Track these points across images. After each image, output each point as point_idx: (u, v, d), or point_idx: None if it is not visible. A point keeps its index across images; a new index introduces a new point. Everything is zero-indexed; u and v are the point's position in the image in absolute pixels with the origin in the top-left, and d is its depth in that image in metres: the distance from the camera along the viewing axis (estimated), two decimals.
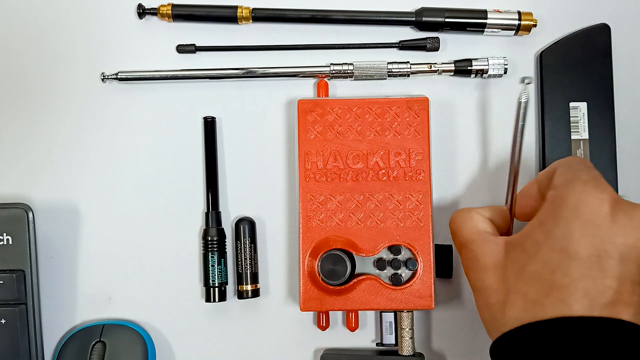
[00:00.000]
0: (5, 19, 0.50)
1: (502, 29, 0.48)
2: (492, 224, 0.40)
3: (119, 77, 0.48)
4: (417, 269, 0.45)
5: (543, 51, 0.48)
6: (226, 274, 0.48)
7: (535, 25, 0.48)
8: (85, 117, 0.49)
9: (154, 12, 0.49)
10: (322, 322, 0.47)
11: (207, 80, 0.49)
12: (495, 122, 0.49)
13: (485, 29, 0.48)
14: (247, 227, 0.48)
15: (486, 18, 0.48)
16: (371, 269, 0.45)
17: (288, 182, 0.49)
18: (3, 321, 0.45)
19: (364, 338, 0.48)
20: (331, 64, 0.48)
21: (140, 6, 0.49)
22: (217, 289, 0.47)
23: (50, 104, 0.49)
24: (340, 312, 0.48)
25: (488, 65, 0.48)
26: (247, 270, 0.47)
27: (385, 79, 0.48)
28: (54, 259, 0.49)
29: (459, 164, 0.49)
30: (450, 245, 0.47)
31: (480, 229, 0.39)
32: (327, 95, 0.48)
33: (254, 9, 0.48)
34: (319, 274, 0.45)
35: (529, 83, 0.27)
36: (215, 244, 0.47)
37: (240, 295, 0.47)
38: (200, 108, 0.49)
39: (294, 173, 0.48)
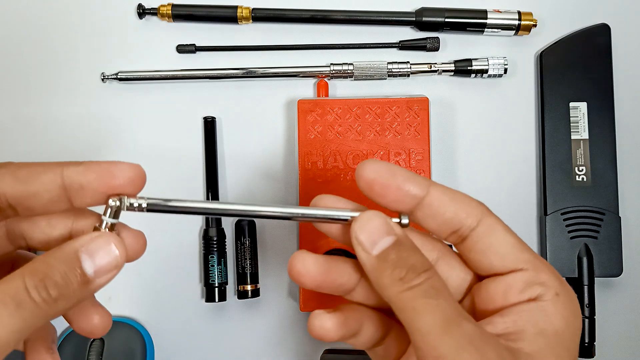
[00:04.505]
0: (6, 19, 0.50)
1: (502, 29, 0.48)
2: None
3: (119, 77, 0.48)
4: None
5: (543, 51, 0.48)
6: (226, 274, 0.48)
7: (535, 25, 0.48)
8: (85, 117, 0.49)
9: (154, 12, 0.49)
10: None
11: (207, 80, 0.49)
12: (495, 122, 0.49)
13: (485, 29, 0.48)
14: (247, 227, 0.48)
15: (486, 18, 0.48)
16: None
17: (288, 182, 0.49)
18: None
19: None
20: (331, 64, 0.48)
21: (140, 6, 0.49)
22: (217, 288, 0.47)
23: (50, 103, 0.49)
24: None
25: (488, 65, 0.48)
26: (247, 270, 0.47)
27: (385, 79, 0.48)
28: None
29: (459, 164, 0.49)
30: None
31: None
32: (327, 95, 0.48)
33: (254, 9, 0.48)
34: None
35: None
36: (215, 244, 0.47)
37: (241, 295, 0.47)
38: (200, 108, 0.49)
39: (294, 173, 0.48)
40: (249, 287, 0.47)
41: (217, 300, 0.47)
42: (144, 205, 0.25)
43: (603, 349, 0.48)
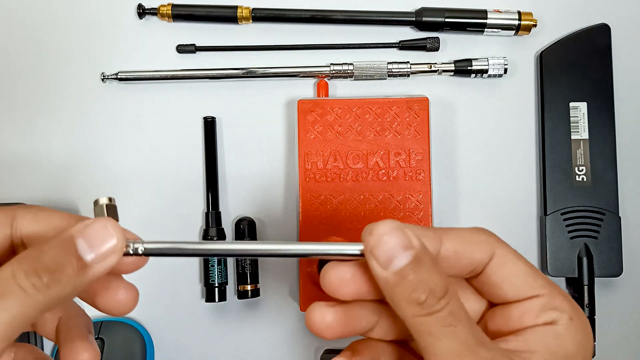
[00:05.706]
0: (6, 19, 0.50)
1: (502, 29, 0.48)
2: None
3: (119, 77, 0.48)
4: None
5: (543, 51, 0.48)
6: (226, 274, 0.48)
7: (535, 25, 0.48)
8: (86, 117, 0.49)
9: (154, 12, 0.49)
10: None
11: (207, 80, 0.49)
12: (495, 122, 0.49)
13: (485, 29, 0.48)
14: (247, 227, 0.48)
15: (486, 18, 0.48)
16: None
17: (288, 182, 0.49)
18: None
19: None
20: (331, 64, 0.48)
21: (140, 6, 0.49)
22: (217, 288, 0.47)
23: (50, 103, 0.49)
24: None
25: (488, 65, 0.48)
26: (247, 270, 0.47)
27: (385, 79, 0.48)
28: None
29: (459, 164, 0.49)
30: None
31: None
32: (327, 95, 0.48)
33: (254, 9, 0.48)
34: (319, 274, 0.44)
35: None
36: None
37: (241, 295, 0.47)
38: (200, 108, 0.49)
39: (294, 173, 0.48)
40: (249, 287, 0.47)
41: (217, 300, 0.47)
42: (141, 250, 0.25)
43: (603, 349, 0.48)
